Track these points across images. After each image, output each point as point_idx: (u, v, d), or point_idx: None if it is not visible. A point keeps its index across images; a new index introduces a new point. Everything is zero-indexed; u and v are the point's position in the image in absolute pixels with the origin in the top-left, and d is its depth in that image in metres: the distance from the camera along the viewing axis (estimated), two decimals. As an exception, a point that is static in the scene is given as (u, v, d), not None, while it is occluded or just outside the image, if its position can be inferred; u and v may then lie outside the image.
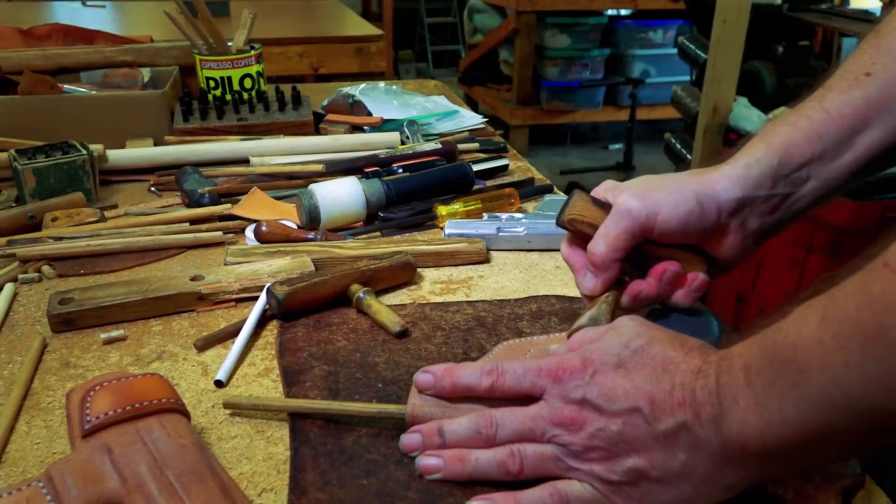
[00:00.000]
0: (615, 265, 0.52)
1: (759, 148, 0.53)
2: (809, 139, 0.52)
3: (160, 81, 1.23)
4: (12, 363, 0.59)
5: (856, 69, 0.53)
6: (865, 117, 0.51)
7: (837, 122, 0.52)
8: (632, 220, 0.51)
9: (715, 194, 0.51)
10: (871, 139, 0.51)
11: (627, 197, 0.51)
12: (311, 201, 0.80)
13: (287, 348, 0.60)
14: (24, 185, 0.86)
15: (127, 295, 0.65)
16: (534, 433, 0.43)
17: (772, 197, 0.52)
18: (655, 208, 0.51)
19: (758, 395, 0.36)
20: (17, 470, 0.48)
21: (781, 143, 0.52)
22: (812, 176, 0.52)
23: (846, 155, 0.52)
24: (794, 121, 0.53)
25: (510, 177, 1.01)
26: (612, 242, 0.51)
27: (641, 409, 0.40)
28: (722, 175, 0.52)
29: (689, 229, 0.51)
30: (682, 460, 0.39)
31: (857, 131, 0.51)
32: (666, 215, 0.51)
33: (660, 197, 0.51)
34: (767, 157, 0.52)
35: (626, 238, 0.51)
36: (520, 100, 4.05)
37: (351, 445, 0.48)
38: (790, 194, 0.53)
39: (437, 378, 0.47)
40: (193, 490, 0.40)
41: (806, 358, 0.34)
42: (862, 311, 0.32)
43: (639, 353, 0.42)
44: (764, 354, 0.37)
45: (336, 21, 2.64)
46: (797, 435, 0.35)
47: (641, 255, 0.53)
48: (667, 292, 0.53)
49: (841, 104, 0.52)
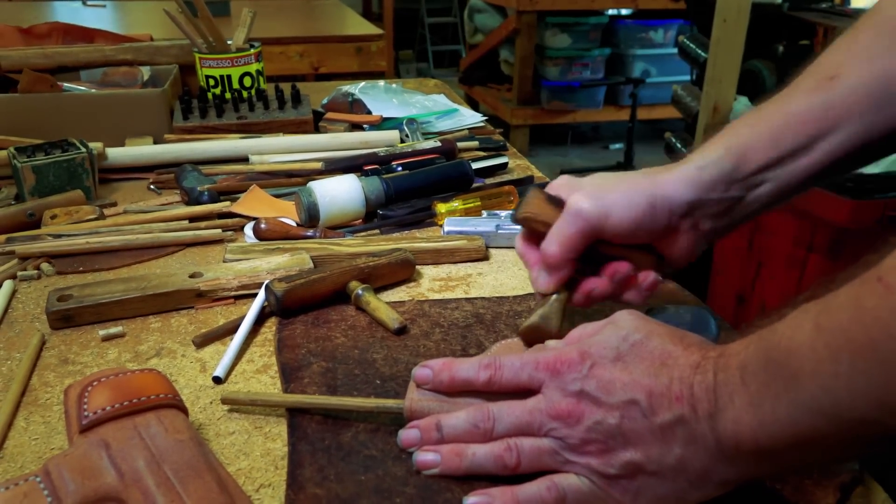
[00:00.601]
0: (568, 264, 0.52)
1: (716, 150, 0.53)
2: (767, 143, 0.51)
3: (160, 80, 1.23)
4: (11, 360, 0.59)
5: (823, 70, 0.52)
6: (826, 122, 0.50)
7: (797, 127, 0.51)
8: (584, 222, 0.51)
9: (667, 196, 0.52)
10: (831, 145, 0.50)
11: (580, 197, 0.51)
12: (310, 199, 0.80)
13: (285, 345, 0.60)
14: (23, 182, 0.86)
15: (126, 292, 0.65)
16: (531, 427, 0.43)
17: (724, 199, 0.52)
18: (607, 209, 0.51)
19: (752, 395, 0.37)
20: (14, 465, 0.48)
21: (738, 146, 0.52)
22: (767, 180, 0.52)
23: (803, 159, 0.51)
24: (753, 122, 0.53)
25: (509, 175, 1.01)
26: (564, 243, 0.51)
27: (639, 401, 0.40)
28: (675, 176, 0.52)
29: (640, 230, 0.52)
30: (678, 454, 0.39)
31: (818, 137, 0.51)
32: (618, 216, 0.51)
33: (612, 198, 0.51)
34: (722, 159, 0.52)
35: (578, 239, 0.51)
36: (520, 99, 4.05)
37: (349, 441, 0.48)
38: (744, 197, 0.53)
39: (435, 372, 0.47)
40: (191, 485, 0.40)
41: (798, 364, 0.34)
42: (853, 323, 0.32)
43: (637, 346, 0.42)
44: (759, 355, 0.37)
45: (336, 20, 2.64)
46: (788, 437, 0.36)
47: (594, 254, 0.53)
48: (619, 291, 0.53)
49: (802, 108, 0.51)
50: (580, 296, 0.54)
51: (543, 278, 0.53)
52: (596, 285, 0.53)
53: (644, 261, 0.54)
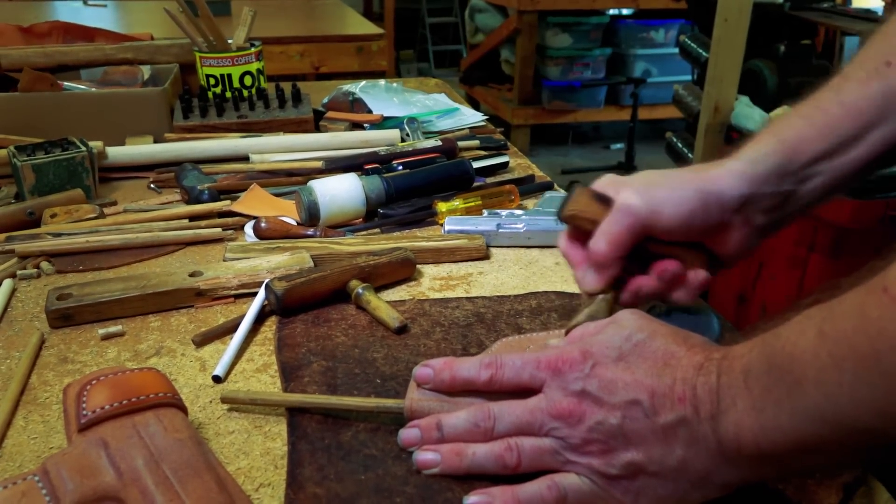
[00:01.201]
0: (617, 263, 0.51)
1: (768, 143, 0.51)
2: (822, 134, 0.50)
3: (160, 79, 1.23)
4: (10, 358, 0.59)
5: (876, 57, 0.50)
6: (882, 111, 0.49)
7: (853, 117, 0.49)
8: (634, 218, 0.49)
9: (719, 191, 0.50)
10: (884, 134, 0.49)
11: (629, 194, 0.50)
12: (310, 198, 0.80)
13: (285, 344, 0.60)
14: (23, 181, 0.86)
15: (125, 291, 0.65)
16: (532, 426, 0.42)
17: (777, 193, 0.51)
18: (658, 206, 0.49)
19: (755, 399, 0.36)
20: (13, 465, 0.47)
21: (792, 139, 0.51)
22: (821, 172, 0.51)
23: (857, 150, 0.50)
24: (808, 114, 0.51)
25: (510, 174, 1.01)
26: (614, 241, 0.50)
27: (641, 401, 0.40)
28: (726, 171, 0.51)
29: (691, 227, 0.50)
30: (679, 455, 0.39)
31: (872, 126, 0.49)
32: (668, 213, 0.49)
33: (662, 194, 0.50)
34: (775, 152, 0.51)
35: (628, 236, 0.50)
36: (521, 99, 4.05)
37: (349, 440, 0.48)
38: (796, 190, 0.51)
39: (436, 372, 0.47)
40: (190, 484, 0.40)
41: (802, 371, 0.34)
42: (858, 333, 0.32)
43: (640, 346, 0.42)
44: (762, 360, 0.37)
45: (337, 20, 2.64)
46: (789, 442, 0.36)
47: (642, 251, 0.52)
48: (667, 290, 0.52)
49: (858, 97, 0.50)
50: (628, 295, 0.52)
51: (591, 277, 0.51)
52: (644, 284, 0.51)
53: (694, 259, 0.52)
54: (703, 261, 0.52)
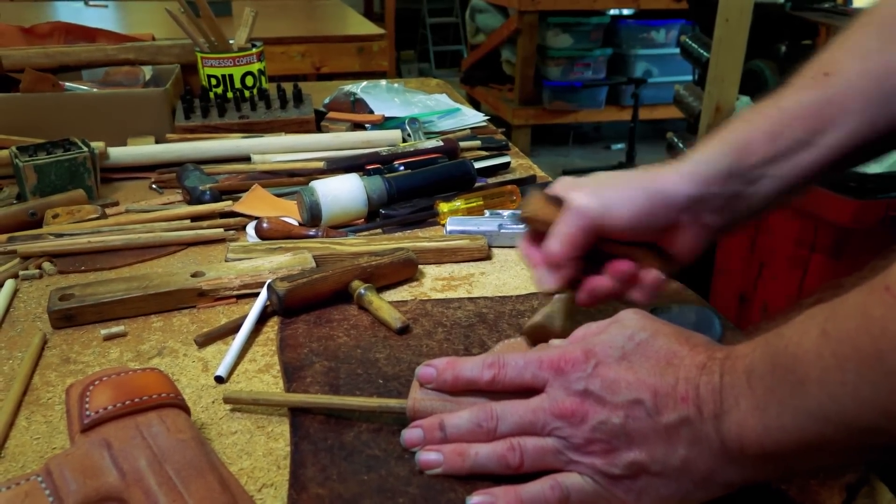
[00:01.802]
0: (571, 263, 0.52)
1: (716, 145, 0.53)
2: (765, 138, 0.51)
3: (162, 79, 1.23)
4: (12, 359, 0.59)
5: (817, 68, 0.52)
6: (823, 118, 0.50)
7: (793, 122, 0.51)
8: (584, 218, 0.51)
9: (665, 191, 0.51)
10: (831, 141, 0.50)
11: (581, 195, 0.52)
12: (312, 198, 0.80)
13: (288, 344, 0.60)
14: (25, 182, 0.86)
15: (127, 291, 0.65)
16: (534, 426, 0.42)
17: (725, 194, 0.52)
18: (607, 205, 0.51)
19: (758, 398, 0.36)
20: (16, 465, 0.47)
21: (736, 141, 0.52)
22: (767, 175, 0.52)
23: (803, 155, 0.51)
24: (750, 118, 0.53)
25: (512, 174, 1.01)
26: (567, 241, 0.51)
27: (644, 401, 0.40)
28: (674, 172, 0.52)
29: (640, 226, 0.52)
30: (682, 455, 0.39)
31: (816, 132, 0.50)
32: (618, 213, 0.51)
33: (611, 194, 0.51)
34: (721, 154, 0.52)
35: (580, 236, 0.51)
36: (522, 100, 4.05)
37: (351, 441, 0.48)
38: (745, 191, 0.52)
39: (439, 371, 0.47)
40: (193, 485, 0.40)
41: (805, 371, 0.34)
42: (861, 333, 0.32)
43: (643, 345, 0.42)
44: (766, 360, 0.37)
45: (338, 20, 2.64)
46: (793, 442, 0.36)
47: (597, 253, 0.53)
48: (623, 289, 0.53)
49: (796, 103, 0.51)
50: (584, 294, 0.53)
51: (547, 277, 0.53)
52: (599, 284, 0.53)
53: (648, 259, 0.53)
54: (657, 260, 0.54)
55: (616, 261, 0.53)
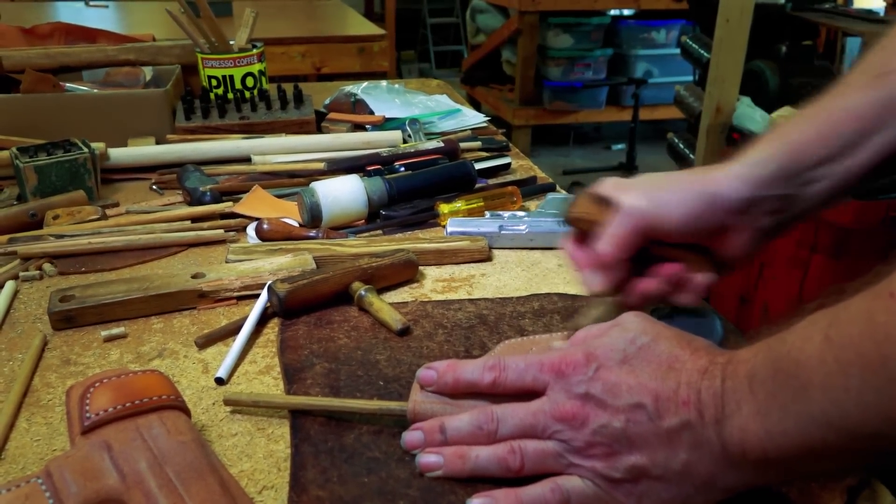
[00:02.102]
0: (622, 265, 0.51)
1: (771, 146, 0.51)
2: (824, 138, 0.50)
3: (162, 80, 1.23)
4: (13, 360, 0.59)
5: (875, 67, 0.51)
6: (881, 118, 0.49)
7: (853, 122, 0.50)
8: (639, 220, 0.50)
9: (721, 194, 0.50)
10: (884, 140, 0.49)
11: (634, 196, 0.50)
12: (312, 199, 0.80)
13: (288, 346, 0.60)
14: (25, 182, 0.86)
15: (128, 292, 0.65)
16: (535, 429, 0.42)
17: (780, 196, 0.51)
18: (662, 208, 0.50)
19: (760, 403, 0.36)
20: (16, 467, 0.47)
21: (793, 143, 0.51)
22: (824, 176, 0.51)
23: (860, 155, 0.50)
24: (807, 120, 0.52)
25: (512, 175, 1.01)
26: (619, 243, 0.50)
27: (645, 405, 0.39)
28: (730, 174, 0.51)
29: (695, 229, 0.50)
30: (683, 459, 0.39)
31: (871, 132, 0.49)
32: (673, 215, 0.50)
33: (666, 197, 0.50)
34: (779, 155, 0.51)
35: (633, 238, 0.50)
36: (522, 100, 4.05)
37: (352, 443, 0.48)
38: (799, 194, 0.51)
39: (439, 374, 0.46)
40: (193, 487, 0.40)
41: (808, 376, 0.34)
42: (864, 339, 0.32)
43: (644, 349, 0.42)
44: (768, 365, 0.37)
45: (338, 21, 2.64)
46: (795, 448, 0.35)
47: (647, 254, 0.52)
48: (672, 292, 0.52)
49: (858, 103, 0.50)
50: (633, 297, 0.52)
51: (597, 279, 0.52)
52: (649, 286, 0.52)
53: (698, 261, 0.52)
54: (707, 263, 0.53)
55: (665, 263, 0.52)
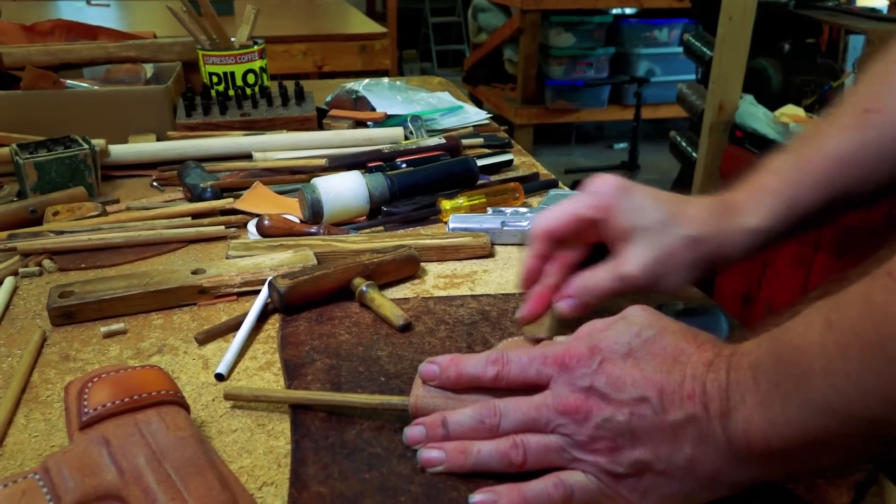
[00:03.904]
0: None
1: (774, 205, 0.51)
2: (813, 192, 0.51)
3: (163, 77, 1.22)
4: (11, 356, 0.58)
5: (858, 103, 0.52)
6: (866, 166, 0.50)
7: (840, 171, 0.51)
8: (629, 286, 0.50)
9: (726, 258, 0.51)
10: (873, 186, 0.51)
11: (631, 262, 0.50)
12: (313, 195, 0.79)
13: (289, 342, 0.59)
14: (25, 179, 0.86)
15: (127, 288, 0.64)
16: (538, 423, 0.42)
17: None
18: (657, 277, 0.50)
19: (763, 394, 0.36)
20: (14, 463, 0.47)
21: (786, 197, 0.51)
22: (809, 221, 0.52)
23: (848, 203, 0.51)
24: (796, 165, 0.52)
25: (515, 172, 1.00)
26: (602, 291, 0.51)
27: (650, 399, 0.39)
28: (736, 239, 0.51)
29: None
30: (687, 454, 0.38)
31: (860, 180, 0.51)
32: (665, 285, 0.51)
33: (662, 263, 0.50)
34: (782, 219, 0.51)
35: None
36: (524, 99, 4.04)
37: (353, 439, 0.47)
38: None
39: (442, 368, 0.46)
40: (192, 483, 0.40)
41: (809, 362, 0.34)
42: (863, 319, 0.32)
43: (649, 343, 0.41)
44: (770, 354, 0.36)
45: (340, 19, 2.64)
46: (798, 438, 0.35)
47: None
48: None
49: (838, 148, 0.51)
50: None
51: (572, 305, 0.52)
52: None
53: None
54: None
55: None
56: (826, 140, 0.52)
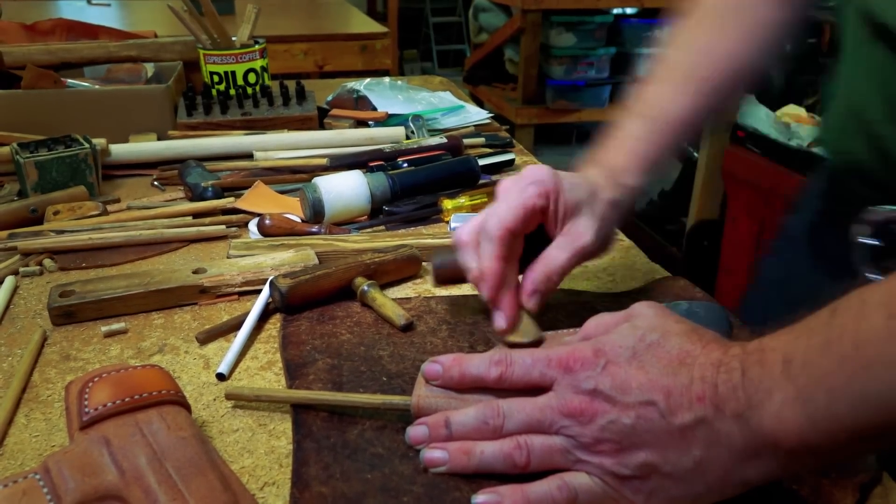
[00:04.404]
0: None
1: (644, 166, 0.59)
2: (665, 150, 0.61)
3: (164, 76, 1.22)
4: (12, 356, 0.58)
5: (691, 69, 0.65)
6: (699, 119, 0.64)
7: (683, 131, 0.62)
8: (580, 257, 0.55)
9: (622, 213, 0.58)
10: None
11: (588, 232, 0.54)
12: (314, 195, 0.79)
13: (290, 341, 0.59)
14: (26, 178, 0.86)
15: (128, 288, 0.64)
16: (542, 424, 0.41)
17: None
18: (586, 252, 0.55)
19: (800, 389, 0.35)
20: (14, 463, 0.47)
21: (651, 161, 0.60)
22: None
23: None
24: (654, 129, 0.62)
25: (516, 171, 1.00)
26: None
27: (656, 402, 0.39)
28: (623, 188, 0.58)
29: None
30: (696, 457, 0.38)
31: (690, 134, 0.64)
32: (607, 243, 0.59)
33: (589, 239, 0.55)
34: (644, 174, 0.59)
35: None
36: (525, 99, 4.03)
37: (355, 439, 0.47)
38: None
39: (445, 368, 0.46)
40: (193, 483, 0.39)
41: (871, 353, 0.33)
42: None
43: (654, 346, 0.41)
44: (815, 349, 0.35)
45: (341, 19, 2.64)
46: (846, 431, 0.34)
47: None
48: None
49: (683, 113, 0.62)
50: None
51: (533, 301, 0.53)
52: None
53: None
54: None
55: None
56: (671, 106, 0.62)
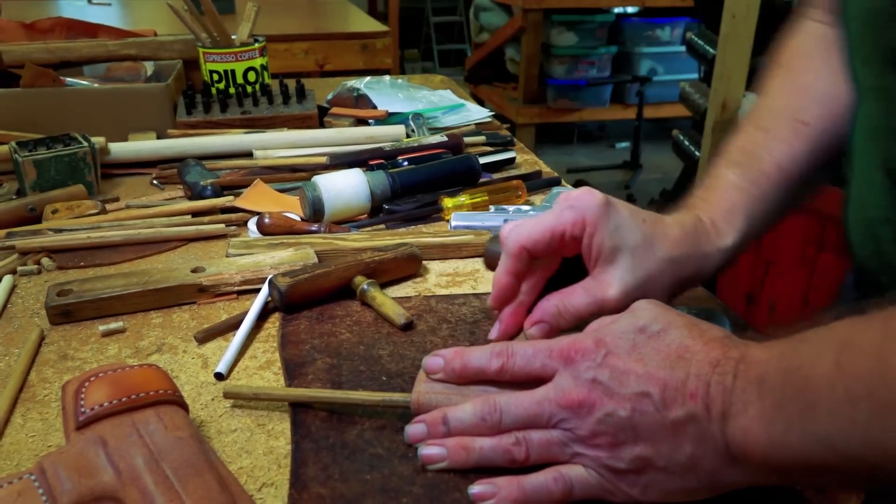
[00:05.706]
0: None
1: (742, 220, 0.54)
2: (768, 203, 0.55)
3: (163, 75, 1.22)
4: (9, 355, 0.58)
5: (789, 113, 0.56)
6: (807, 168, 0.56)
7: (787, 181, 0.56)
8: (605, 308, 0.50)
9: (703, 274, 0.53)
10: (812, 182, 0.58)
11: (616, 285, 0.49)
12: (314, 193, 0.79)
13: (289, 340, 0.58)
14: (24, 177, 0.85)
15: (126, 287, 0.64)
16: (540, 418, 0.41)
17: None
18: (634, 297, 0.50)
19: (766, 409, 0.36)
20: (10, 463, 0.46)
21: (752, 213, 0.55)
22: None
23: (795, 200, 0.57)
24: (755, 180, 0.55)
25: (517, 170, 0.99)
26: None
27: (651, 394, 0.38)
28: (719, 251, 0.53)
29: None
30: (688, 453, 0.38)
31: (795, 186, 0.57)
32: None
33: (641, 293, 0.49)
34: (745, 234, 0.54)
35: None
36: (526, 98, 4.03)
37: (354, 439, 0.47)
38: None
39: (447, 361, 0.45)
40: (190, 483, 0.39)
41: (815, 397, 0.34)
42: (876, 377, 0.31)
43: (654, 338, 0.41)
44: (779, 374, 0.36)
45: (342, 18, 2.63)
46: (797, 461, 0.35)
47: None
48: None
49: (785, 160, 0.56)
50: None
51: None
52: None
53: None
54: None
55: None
56: (772, 153, 0.56)
